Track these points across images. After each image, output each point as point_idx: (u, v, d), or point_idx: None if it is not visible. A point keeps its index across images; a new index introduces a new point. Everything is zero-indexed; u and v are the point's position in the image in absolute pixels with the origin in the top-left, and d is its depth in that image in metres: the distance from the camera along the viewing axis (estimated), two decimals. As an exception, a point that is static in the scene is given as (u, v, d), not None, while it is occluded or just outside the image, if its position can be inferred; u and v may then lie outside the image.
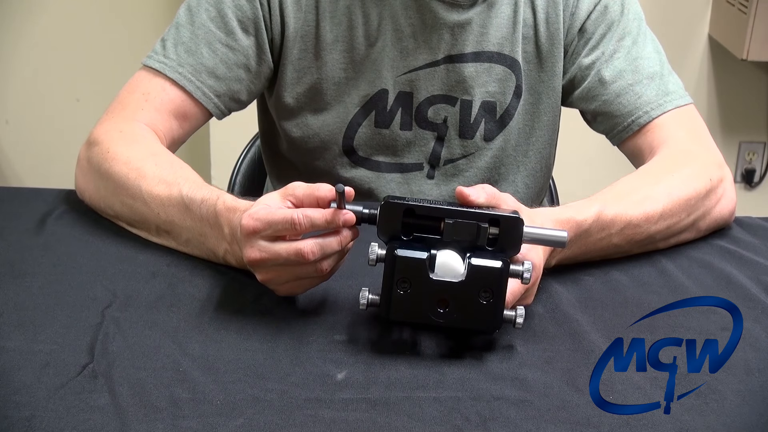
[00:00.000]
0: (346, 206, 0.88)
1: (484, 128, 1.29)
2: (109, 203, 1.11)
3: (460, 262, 0.86)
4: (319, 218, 0.87)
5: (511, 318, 0.87)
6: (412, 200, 0.88)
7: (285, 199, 0.91)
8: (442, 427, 0.78)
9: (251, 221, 0.88)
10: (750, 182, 2.84)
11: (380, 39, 1.24)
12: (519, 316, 0.87)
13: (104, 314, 0.93)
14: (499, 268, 0.85)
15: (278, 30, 1.23)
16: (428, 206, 0.87)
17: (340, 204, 0.88)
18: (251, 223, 0.88)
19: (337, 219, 0.87)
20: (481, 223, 0.86)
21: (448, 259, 0.86)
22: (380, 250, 0.86)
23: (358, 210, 0.89)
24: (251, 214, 0.89)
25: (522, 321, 0.87)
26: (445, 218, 0.87)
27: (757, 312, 0.98)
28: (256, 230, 0.88)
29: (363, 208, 0.89)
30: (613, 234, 1.05)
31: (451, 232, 0.86)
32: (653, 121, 1.23)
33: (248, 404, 0.80)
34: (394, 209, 0.87)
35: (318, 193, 0.90)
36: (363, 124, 1.27)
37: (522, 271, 0.86)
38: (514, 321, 0.87)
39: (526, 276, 0.86)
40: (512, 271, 0.86)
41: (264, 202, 0.91)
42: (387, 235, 0.88)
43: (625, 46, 1.26)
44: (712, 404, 0.82)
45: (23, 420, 0.77)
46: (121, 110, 1.19)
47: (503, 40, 1.26)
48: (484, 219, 0.87)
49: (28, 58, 2.67)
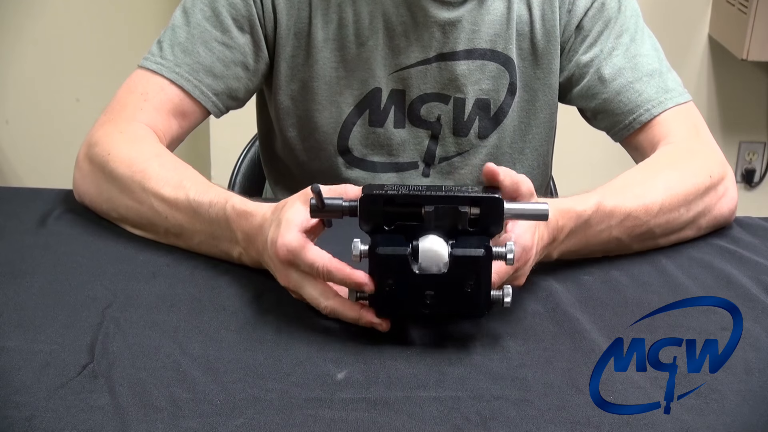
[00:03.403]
0: (326, 201, 0.88)
1: (478, 126, 1.29)
2: (113, 206, 1.11)
3: (444, 247, 0.85)
4: (338, 277, 0.89)
5: (498, 298, 0.87)
6: (391, 189, 0.87)
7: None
8: (442, 426, 0.78)
9: (285, 252, 0.90)
10: (750, 182, 2.84)
11: (372, 37, 1.24)
12: (507, 295, 0.87)
13: (104, 314, 0.93)
14: (480, 256, 0.85)
15: (271, 27, 1.23)
16: (407, 194, 0.87)
17: (318, 203, 0.88)
18: (285, 255, 0.90)
19: (351, 282, 0.88)
20: (461, 207, 0.86)
21: (431, 245, 0.85)
22: (363, 246, 0.86)
23: (337, 204, 0.89)
24: (285, 243, 0.90)
25: (509, 300, 0.87)
26: (424, 205, 0.86)
27: (757, 312, 0.98)
28: (290, 262, 0.91)
29: (342, 202, 0.89)
30: (613, 226, 1.05)
31: (431, 219, 0.86)
32: (655, 119, 1.23)
33: (248, 404, 0.80)
34: (373, 201, 0.87)
35: (345, 197, 0.90)
36: (357, 123, 1.27)
37: (505, 252, 0.86)
38: (502, 301, 0.87)
39: (509, 257, 0.86)
40: (495, 254, 0.86)
41: (291, 218, 0.91)
42: (369, 226, 0.88)
43: (624, 43, 1.26)
44: (712, 404, 0.82)
45: (23, 420, 0.77)
46: (120, 111, 1.19)
47: (496, 37, 1.26)
48: (464, 202, 0.86)
49: (28, 58, 2.67)
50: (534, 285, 1.00)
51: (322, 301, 0.91)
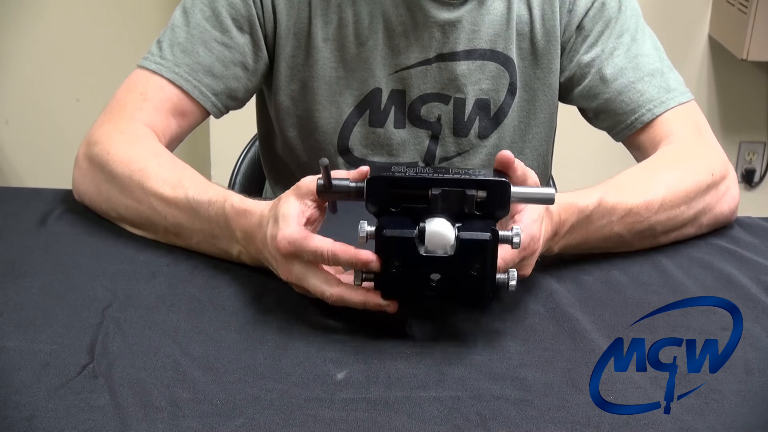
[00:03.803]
0: (333, 181, 0.88)
1: (478, 126, 1.29)
2: (112, 205, 1.11)
3: (451, 230, 0.85)
4: (344, 258, 0.88)
5: (503, 281, 0.87)
6: (399, 171, 0.87)
7: (303, 202, 0.91)
8: (442, 426, 0.78)
9: (286, 245, 0.90)
10: (750, 182, 2.84)
11: (371, 37, 1.24)
12: (512, 279, 0.87)
13: (104, 314, 0.93)
14: (487, 240, 0.85)
15: (271, 27, 1.23)
16: (414, 177, 0.87)
17: (325, 179, 0.88)
18: (287, 247, 0.90)
19: (358, 261, 0.87)
20: (468, 190, 0.86)
21: (438, 227, 0.85)
22: (370, 227, 0.86)
23: (344, 185, 0.89)
24: (286, 236, 0.89)
25: (515, 284, 0.87)
26: (431, 188, 0.86)
27: (757, 312, 0.98)
28: (292, 254, 0.90)
29: (350, 183, 0.89)
30: (614, 221, 1.05)
31: (438, 201, 0.86)
32: (657, 118, 1.23)
33: (248, 404, 0.80)
34: (380, 183, 0.87)
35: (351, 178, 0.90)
36: (357, 123, 1.27)
37: (511, 236, 0.86)
38: (507, 284, 0.87)
39: (516, 241, 0.86)
40: (502, 237, 0.86)
41: (287, 213, 0.91)
42: (375, 208, 0.88)
43: (625, 43, 1.26)
44: (712, 404, 0.82)
45: (23, 420, 0.77)
46: (119, 111, 1.19)
47: (496, 37, 1.26)
48: (471, 185, 0.86)
49: (28, 58, 2.67)
50: (534, 285, 1.00)
51: (327, 289, 0.90)
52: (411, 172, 0.87)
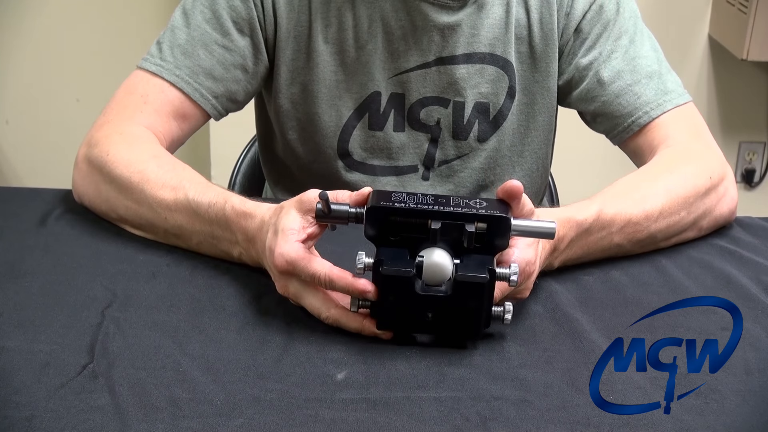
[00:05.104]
0: (332, 206, 0.88)
1: (477, 129, 1.29)
2: (111, 207, 1.11)
3: (449, 263, 0.85)
4: (340, 285, 0.88)
5: (499, 314, 0.87)
6: (399, 199, 0.87)
7: (305, 217, 0.91)
8: (442, 427, 0.78)
9: (284, 263, 0.89)
10: (750, 182, 2.84)
11: (371, 41, 1.24)
12: (507, 312, 0.87)
13: (104, 314, 0.93)
14: (483, 284, 0.84)
15: (271, 30, 1.23)
16: (414, 209, 0.86)
17: (325, 209, 0.88)
18: (284, 266, 0.89)
19: (355, 290, 0.87)
20: (467, 225, 0.86)
21: (436, 259, 0.85)
22: (368, 259, 0.86)
23: (344, 210, 0.88)
24: (284, 254, 0.89)
25: (510, 317, 0.87)
26: (431, 221, 0.86)
27: (757, 312, 0.98)
28: (289, 272, 0.90)
29: (349, 208, 0.89)
30: (614, 233, 1.05)
31: (437, 234, 0.86)
32: (653, 121, 1.23)
33: (248, 404, 0.80)
34: (380, 212, 0.87)
35: (351, 201, 0.90)
36: (357, 126, 1.27)
37: (509, 274, 0.86)
38: (503, 318, 0.87)
39: (513, 279, 0.86)
40: (499, 275, 0.86)
41: (287, 227, 0.90)
42: (374, 236, 0.88)
43: (623, 45, 1.26)
44: (712, 404, 0.83)
45: (23, 420, 0.77)
46: (119, 112, 1.19)
47: (495, 40, 1.26)
48: (471, 220, 0.86)
49: (28, 58, 2.67)
50: (534, 285, 1.00)
51: (323, 311, 0.90)
52: (411, 202, 0.87)
